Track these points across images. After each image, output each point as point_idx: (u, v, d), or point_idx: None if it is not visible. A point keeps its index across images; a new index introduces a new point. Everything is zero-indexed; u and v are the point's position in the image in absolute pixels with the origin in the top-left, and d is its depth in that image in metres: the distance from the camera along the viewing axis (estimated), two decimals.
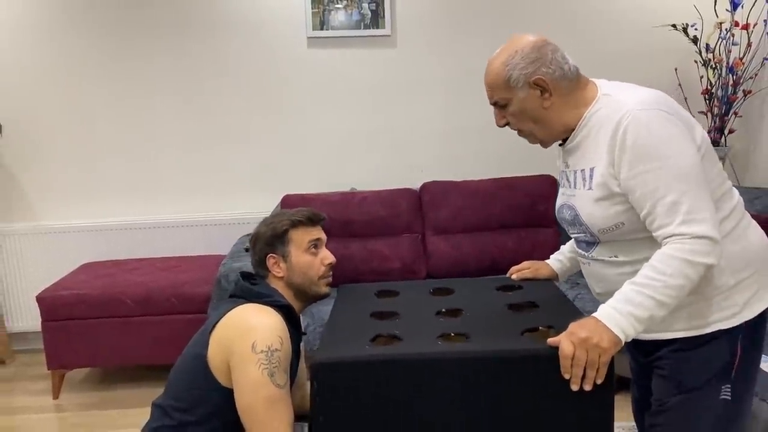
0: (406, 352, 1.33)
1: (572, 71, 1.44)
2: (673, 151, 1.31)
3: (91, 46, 3.44)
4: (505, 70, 1.42)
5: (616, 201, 1.37)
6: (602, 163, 1.38)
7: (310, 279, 1.65)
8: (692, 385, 1.41)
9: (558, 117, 1.44)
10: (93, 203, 3.57)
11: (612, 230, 1.41)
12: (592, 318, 1.32)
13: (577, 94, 1.44)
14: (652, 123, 1.32)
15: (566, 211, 1.52)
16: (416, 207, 3.37)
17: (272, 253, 1.65)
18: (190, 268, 3.27)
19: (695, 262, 1.28)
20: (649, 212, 1.32)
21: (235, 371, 1.46)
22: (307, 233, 1.67)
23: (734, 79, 3.31)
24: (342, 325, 1.51)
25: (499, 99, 1.46)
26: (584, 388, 1.28)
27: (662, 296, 1.28)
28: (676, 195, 1.29)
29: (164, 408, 1.55)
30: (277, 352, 1.45)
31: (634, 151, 1.32)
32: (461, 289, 1.76)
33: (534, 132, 1.47)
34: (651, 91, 1.41)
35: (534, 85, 1.41)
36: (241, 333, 1.47)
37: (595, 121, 1.41)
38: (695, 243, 1.28)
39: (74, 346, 3.01)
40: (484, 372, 1.30)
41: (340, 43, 3.50)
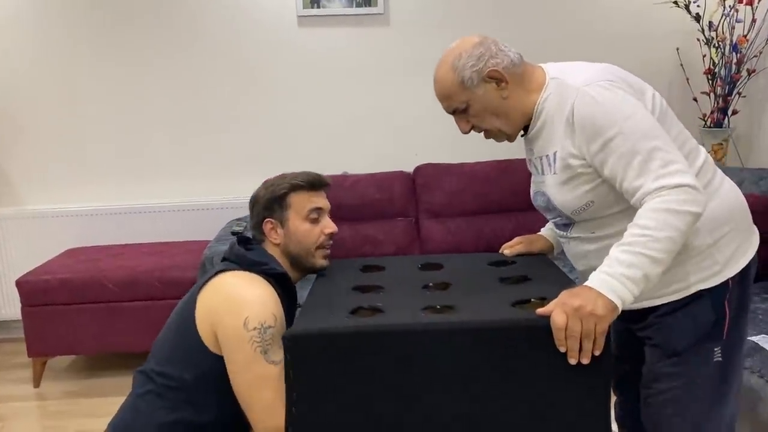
0: (387, 323, 1.23)
1: (518, 58, 1.44)
2: (628, 113, 1.30)
3: (76, 27, 3.35)
4: (456, 74, 1.41)
5: (582, 181, 1.38)
6: (562, 146, 1.38)
7: (306, 249, 1.55)
8: (682, 348, 1.39)
9: (517, 105, 1.44)
10: (78, 187, 3.48)
11: (584, 209, 1.41)
12: (584, 286, 1.23)
13: (528, 80, 1.44)
14: (599, 95, 1.32)
15: (539, 198, 1.53)
16: (410, 190, 3.30)
17: (270, 218, 1.56)
18: (176, 253, 3.18)
19: (680, 210, 1.22)
20: (622, 179, 1.30)
21: (226, 348, 1.39)
22: (309, 199, 1.57)
23: (738, 58, 3.21)
24: (322, 298, 1.42)
25: (458, 104, 1.44)
26: (581, 361, 1.19)
27: (652, 251, 1.22)
28: (644, 154, 1.27)
29: (148, 373, 1.47)
30: (271, 329, 1.37)
31: (589, 126, 1.32)
32: (451, 264, 1.66)
33: (500, 127, 1.46)
34: (597, 66, 1.42)
35: (489, 79, 1.41)
36: (232, 307, 1.39)
37: (549, 106, 1.41)
38: (676, 192, 1.23)
39: (55, 332, 2.92)
40: (471, 344, 1.21)
41: (332, 21, 3.41)
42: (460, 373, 1.22)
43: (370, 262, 1.70)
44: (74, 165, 3.47)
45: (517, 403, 1.22)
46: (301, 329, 1.23)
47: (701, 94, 3.32)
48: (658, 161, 1.25)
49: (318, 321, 1.26)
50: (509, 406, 1.22)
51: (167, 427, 1.42)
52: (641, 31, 3.45)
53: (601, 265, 1.25)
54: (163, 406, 1.42)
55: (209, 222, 3.44)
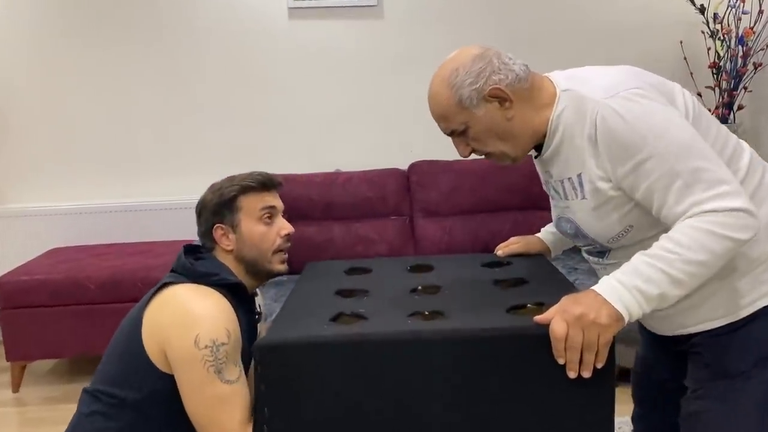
0: (369, 331, 1.12)
1: (524, 71, 1.25)
2: (662, 130, 1.12)
3: (60, 19, 3.24)
4: (452, 93, 1.24)
5: (617, 204, 1.20)
6: (588, 167, 1.20)
7: (262, 253, 1.44)
8: (736, 371, 1.22)
9: (525, 126, 1.26)
10: (62, 186, 3.37)
11: (622, 236, 1.24)
12: (589, 291, 1.11)
13: (537, 95, 1.26)
14: (626, 108, 1.14)
15: (564, 224, 1.36)
16: (404, 188, 3.20)
17: (220, 223, 1.44)
18: (162, 253, 3.08)
19: (724, 235, 1.07)
20: (660, 205, 1.13)
21: (176, 368, 1.28)
22: (260, 200, 1.46)
23: (744, 51, 3.10)
24: (300, 304, 1.31)
25: (456, 126, 1.27)
26: (582, 375, 1.08)
27: (677, 272, 1.08)
28: (685, 176, 1.10)
29: (94, 393, 1.36)
30: (224, 346, 1.26)
31: (618, 146, 1.14)
32: (442, 266, 1.56)
33: (504, 150, 1.28)
34: (612, 70, 1.24)
35: (490, 98, 1.23)
36: (181, 323, 1.28)
37: (564, 122, 1.23)
38: (726, 215, 1.08)
39: (36, 335, 2.82)
40: (461, 354, 1.10)
41: (324, 13, 3.31)
42: (449, 385, 1.11)
43: (356, 264, 1.60)
44: (59, 163, 3.36)
45: (511, 419, 1.11)
46: (273, 339, 1.12)
47: (706, 89, 3.21)
48: (702, 184, 1.09)
49: (293, 329, 1.15)
50: (502, 421, 1.11)
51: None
52: (643, 23, 3.35)
53: (618, 270, 1.13)
54: (108, 428, 1.31)
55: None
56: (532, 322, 1.10)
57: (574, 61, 1.47)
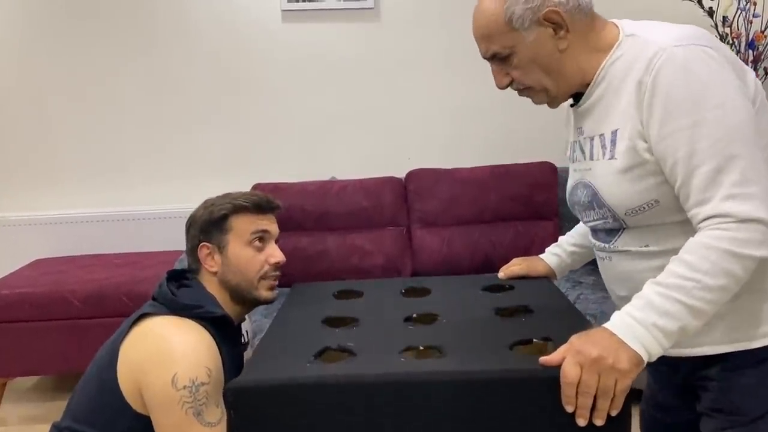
0: (356, 372, 1.01)
1: (588, 2, 1.14)
2: (719, 101, 1.00)
3: (44, 21, 3.13)
4: (504, 9, 1.10)
5: (649, 171, 1.07)
6: (629, 122, 1.08)
7: (248, 279, 1.34)
8: (755, 413, 1.09)
9: (575, 63, 1.14)
10: (47, 194, 3.26)
11: (643, 210, 1.09)
12: (603, 330, 0.99)
13: (596, 34, 1.15)
14: (692, 63, 1.02)
15: (581, 191, 1.21)
16: (401, 197, 3.08)
17: (206, 242, 1.35)
18: (150, 264, 2.96)
19: (742, 255, 0.96)
20: (682, 184, 1.02)
21: (153, 410, 1.18)
22: (252, 222, 1.37)
23: (755, 56, 2.99)
24: (283, 336, 1.20)
25: (500, 49, 1.14)
26: (594, 423, 0.96)
27: (697, 301, 0.97)
28: (720, 161, 0.98)
29: (63, 430, 1.26)
30: (204, 386, 1.16)
31: (666, 101, 1.01)
32: (439, 289, 1.45)
33: (546, 85, 1.16)
34: (688, 26, 1.10)
35: (545, 22, 1.11)
36: (158, 361, 1.18)
37: (618, 69, 1.11)
38: (742, 229, 0.97)
39: (16, 351, 2.70)
40: (458, 398, 0.98)
41: (318, 16, 3.20)
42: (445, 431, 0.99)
43: (346, 287, 1.48)
44: (43, 170, 3.25)
45: None
46: (248, 381, 1.00)
47: None
48: (735, 174, 0.98)
49: (271, 369, 1.03)
50: None
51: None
52: None
53: (629, 304, 1.01)
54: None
55: None
56: (539, 363, 0.98)
57: None
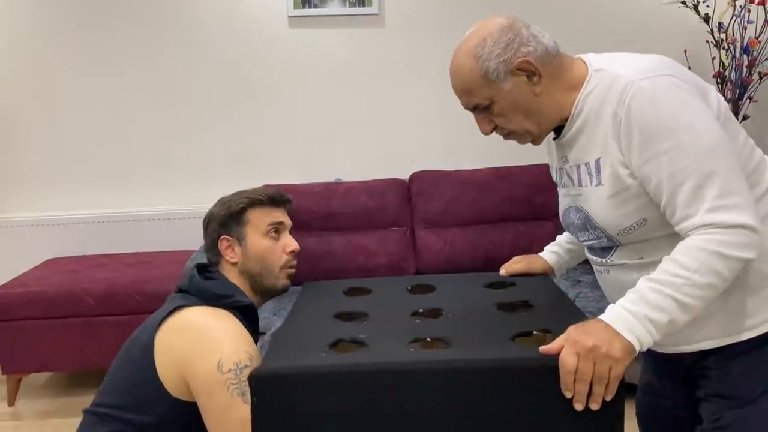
0: (369, 361, 1.08)
1: (554, 46, 1.21)
2: (689, 124, 1.08)
3: (54, 28, 3.21)
4: (478, 65, 1.18)
5: (633, 194, 1.16)
6: (609, 151, 1.16)
7: (268, 268, 1.44)
8: (750, 396, 1.18)
9: (552, 103, 1.21)
10: (59, 195, 3.34)
11: (633, 229, 1.18)
12: (598, 321, 1.07)
13: (567, 73, 1.21)
14: (658, 93, 1.10)
15: (574, 214, 1.30)
16: (405, 198, 3.16)
17: (226, 235, 1.45)
18: (160, 264, 3.04)
19: (729, 256, 1.04)
20: (668, 203, 1.10)
21: (200, 395, 1.26)
22: (268, 214, 1.47)
23: (749, 61, 3.08)
24: (297, 329, 1.27)
25: (480, 101, 1.22)
26: (590, 407, 1.04)
27: (686, 297, 1.05)
28: (699, 178, 1.06)
29: (99, 414, 1.34)
30: (247, 368, 1.25)
31: (641, 130, 1.10)
32: (444, 286, 1.52)
33: (528, 128, 1.24)
34: (650, 56, 1.19)
35: (518, 71, 1.18)
36: (203, 349, 1.27)
37: (592, 102, 1.18)
38: (728, 233, 1.05)
39: (31, 348, 2.78)
40: (465, 385, 1.06)
41: (324, 22, 3.28)
42: (452, 416, 1.07)
43: (355, 284, 1.56)
44: (56, 172, 3.33)
45: None
46: (269, 368, 1.07)
47: None
48: (715, 189, 1.06)
49: (290, 358, 1.11)
50: None
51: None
52: (648, 31, 3.33)
53: (623, 297, 1.09)
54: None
55: (197, 231, 3.25)
56: (539, 352, 1.06)
57: None
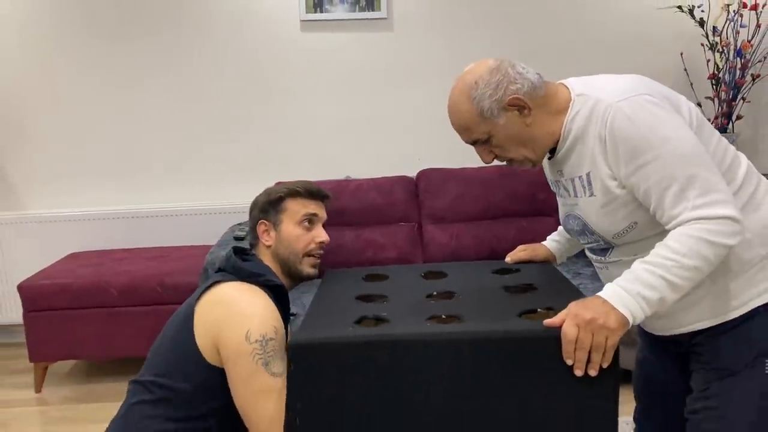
0: (392, 332, 1.22)
1: (539, 79, 1.34)
2: (666, 136, 1.21)
3: (78, 30, 3.34)
4: (473, 106, 1.31)
5: (622, 202, 1.29)
6: (597, 166, 1.29)
7: (295, 253, 1.56)
8: (736, 369, 1.31)
9: (543, 130, 1.34)
10: (81, 192, 3.47)
11: (626, 232, 1.32)
12: (596, 297, 1.21)
13: (553, 101, 1.34)
14: (636, 112, 1.23)
15: (573, 221, 1.44)
16: (413, 195, 3.28)
17: (264, 220, 1.59)
18: (178, 258, 3.17)
19: (715, 242, 1.17)
20: (657, 206, 1.23)
21: (228, 362, 1.39)
22: (304, 205, 1.59)
23: (742, 63, 3.20)
24: (325, 308, 1.40)
25: (479, 136, 1.35)
26: (589, 374, 1.17)
27: (675, 277, 1.18)
28: (682, 182, 1.19)
29: (144, 384, 1.46)
30: (272, 341, 1.37)
31: (624, 147, 1.23)
32: (455, 272, 1.65)
33: (525, 155, 1.37)
34: (625, 77, 1.32)
35: (510, 107, 1.31)
36: (233, 320, 1.39)
37: (578, 123, 1.31)
38: (713, 223, 1.18)
39: (57, 337, 2.91)
40: (477, 354, 1.19)
41: (335, 26, 3.40)
42: (466, 383, 1.20)
43: (373, 271, 1.69)
44: (76, 169, 3.46)
45: (524, 414, 1.20)
46: (305, 338, 1.21)
47: (705, 99, 3.31)
48: (696, 189, 1.18)
49: (322, 330, 1.24)
50: (515, 416, 1.20)
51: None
52: (645, 35, 3.45)
53: (620, 277, 1.22)
54: (158, 415, 1.41)
55: (213, 226, 3.42)
56: (543, 325, 1.20)
57: (579, 72, 1.55)
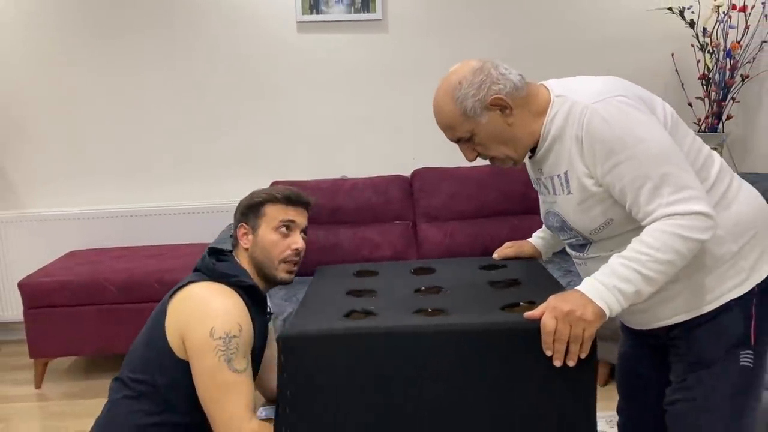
0: (378, 325, 1.27)
1: (520, 80, 1.38)
2: (640, 136, 1.26)
3: (77, 30, 3.38)
4: (457, 105, 1.36)
5: (598, 199, 1.33)
6: (574, 165, 1.34)
7: (270, 259, 1.58)
8: (711, 360, 1.36)
9: (524, 130, 1.38)
10: (79, 191, 3.51)
11: (602, 228, 1.36)
12: (575, 291, 1.26)
13: (533, 101, 1.38)
14: (611, 114, 1.27)
15: (552, 218, 1.48)
16: (407, 194, 3.32)
17: (244, 223, 1.62)
18: (176, 256, 3.21)
19: (687, 237, 1.22)
20: (632, 204, 1.28)
21: (192, 356, 1.43)
22: (282, 212, 1.61)
23: (732, 64, 3.24)
24: (316, 302, 1.45)
25: (462, 134, 1.39)
26: (568, 364, 1.22)
27: (649, 271, 1.23)
28: (656, 180, 1.24)
29: (123, 380, 1.52)
30: (235, 338, 1.41)
31: (600, 146, 1.28)
32: (443, 268, 1.70)
33: (507, 153, 1.41)
34: (603, 79, 1.37)
35: (492, 107, 1.35)
36: (200, 316, 1.44)
37: (557, 124, 1.35)
38: (687, 219, 1.22)
39: (57, 334, 2.95)
40: (460, 346, 1.24)
41: (331, 27, 3.44)
42: (450, 373, 1.25)
43: (363, 268, 1.73)
44: (75, 168, 3.50)
45: (505, 403, 1.25)
46: (295, 330, 1.26)
47: (696, 99, 3.35)
48: (670, 187, 1.23)
49: (312, 323, 1.29)
50: (497, 405, 1.25)
51: (143, 430, 1.46)
52: (637, 36, 3.49)
53: (597, 271, 1.27)
54: (140, 409, 1.46)
55: (210, 225, 3.46)
56: (524, 318, 1.24)
57: (572, 72, 1.58)
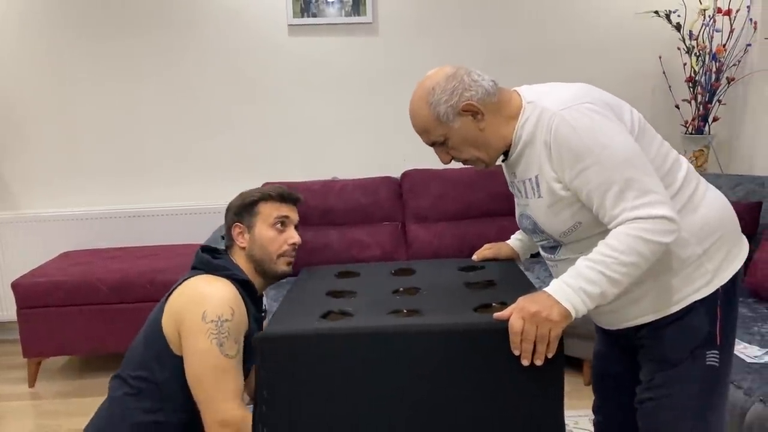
0: (351, 326, 1.30)
1: (493, 86, 1.41)
2: (605, 143, 1.29)
3: (72, 32, 3.42)
4: (431, 110, 1.40)
5: (567, 203, 1.37)
6: (544, 170, 1.37)
7: (269, 255, 1.63)
8: (677, 360, 1.40)
9: (496, 134, 1.42)
10: (73, 192, 3.55)
11: (571, 231, 1.40)
12: (542, 292, 1.30)
13: (505, 107, 1.42)
14: (577, 120, 1.31)
15: (525, 220, 1.52)
16: (397, 195, 3.36)
17: (239, 222, 1.66)
18: (168, 256, 3.25)
19: (650, 240, 1.26)
20: (599, 207, 1.32)
21: (184, 340, 1.47)
22: (276, 208, 1.66)
23: (717, 66, 3.28)
24: (295, 303, 1.49)
25: (436, 138, 1.43)
26: (535, 363, 1.26)
27: (614, 273, 1.26)
28: (621, 184, 1.28)
29: (123, 377, 1.55)
30: (227, 322, 1.45)
31: (567, 152, 1.32)
32: (423, 270, 1.73)
33: (479, 156, 1.45)
34: (572, 86, 1.41)
35: (464, 112, 1.39)
36: (192, 302, 1.48)
37: (528, 129, 1.39)
38: (650, 222, 1.26)
39: (50, 333, 2.99)
40: (432, 346, 1.27)
41: (322, 30, 3.48)
42: (422, 373, 1.28)
43: (345, 269, 1.77)
44: (69, 169, 3.53)
45: (475, 402, 1.29)
46: (270, 332, 1.30)
47: (683, 102, 3.39)
48: (634, 191, 1.26)
49: (288, 324, 1.33)
50: (468, 404, 1.28)
51: (142, 427, 1.49)
52: (624, 39, 3.52)
53: (564, 273, 1.30)
54: (138, 407, 1.49)
55: (202, 226, 3.49)
56: (493, 318, 1.28)
57: (559, 77, 1.63)
